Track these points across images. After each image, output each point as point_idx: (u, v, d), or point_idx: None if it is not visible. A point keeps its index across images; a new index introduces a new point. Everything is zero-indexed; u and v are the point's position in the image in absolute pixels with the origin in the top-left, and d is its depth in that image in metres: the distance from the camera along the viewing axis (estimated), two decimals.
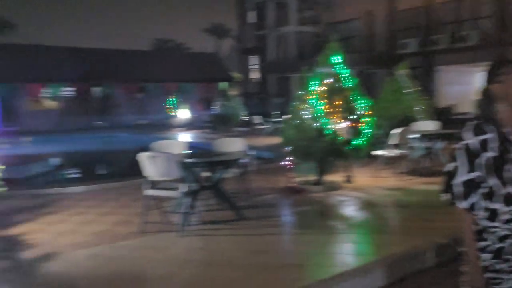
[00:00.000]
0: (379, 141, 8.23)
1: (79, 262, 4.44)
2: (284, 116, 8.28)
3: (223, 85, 28.98)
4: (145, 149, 5.72)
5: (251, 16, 36.21)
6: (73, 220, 5.92)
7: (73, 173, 9.73)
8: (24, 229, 5.52)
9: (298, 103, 7.49)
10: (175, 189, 5.32)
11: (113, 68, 26.77)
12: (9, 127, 21.00)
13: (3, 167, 5.38)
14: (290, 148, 7.40)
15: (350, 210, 6.35)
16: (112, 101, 26.30)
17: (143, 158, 5.38)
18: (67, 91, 25.36)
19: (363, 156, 7.61)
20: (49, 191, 7.67)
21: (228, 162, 5.92)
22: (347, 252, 4.67)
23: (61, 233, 5.39)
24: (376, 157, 8.22)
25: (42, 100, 24.92)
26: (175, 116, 26.08)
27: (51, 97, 25.11)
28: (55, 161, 10.65)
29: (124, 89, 26.91)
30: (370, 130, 7.50)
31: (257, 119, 20.31)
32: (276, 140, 8.11)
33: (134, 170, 5.59)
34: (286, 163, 7.45)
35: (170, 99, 28.14)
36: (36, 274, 4.22)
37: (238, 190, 6.61)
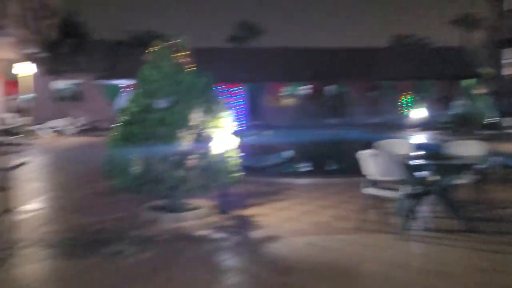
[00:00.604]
0: None
1: (297, 248, 4.74)
2: None
3: (468, 82, 26.18)
4: (369, 147, 5.63)
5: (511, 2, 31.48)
6: (297, 209, 6.30)
7: (302, 166, 10.37)
8: (255, 211, 6.18)
9: None
10: (396, 190, 5.07)
11: (347, 66, 27.39)
12: (254, 121, 23.95)
13: (243, 154, 6.08)
14: None
15: None
16: (345, 100, 26.94)
17: (365, 156, 5.30)
18: (303, 89, 27.27)
19: None
20: (280, 180, 8.37)
21: (459, 167, 5.30)
22: None
23: (285, 219, 5.81)
24: None
25: (282, 98, 27.50)
26: (409, 115, 24.95)
27: (289, 95, 27.47)
28: (288, 153, 11.56)
29: (358, 87, 27.22)
30: None
31: (509, 121, 17.58)
32: None
33: (357, 168, 5.57)
34: None
35: (405, 97, 27.04)
36: (261, 252, 4.68)
37: (473, 199, 5.85)
